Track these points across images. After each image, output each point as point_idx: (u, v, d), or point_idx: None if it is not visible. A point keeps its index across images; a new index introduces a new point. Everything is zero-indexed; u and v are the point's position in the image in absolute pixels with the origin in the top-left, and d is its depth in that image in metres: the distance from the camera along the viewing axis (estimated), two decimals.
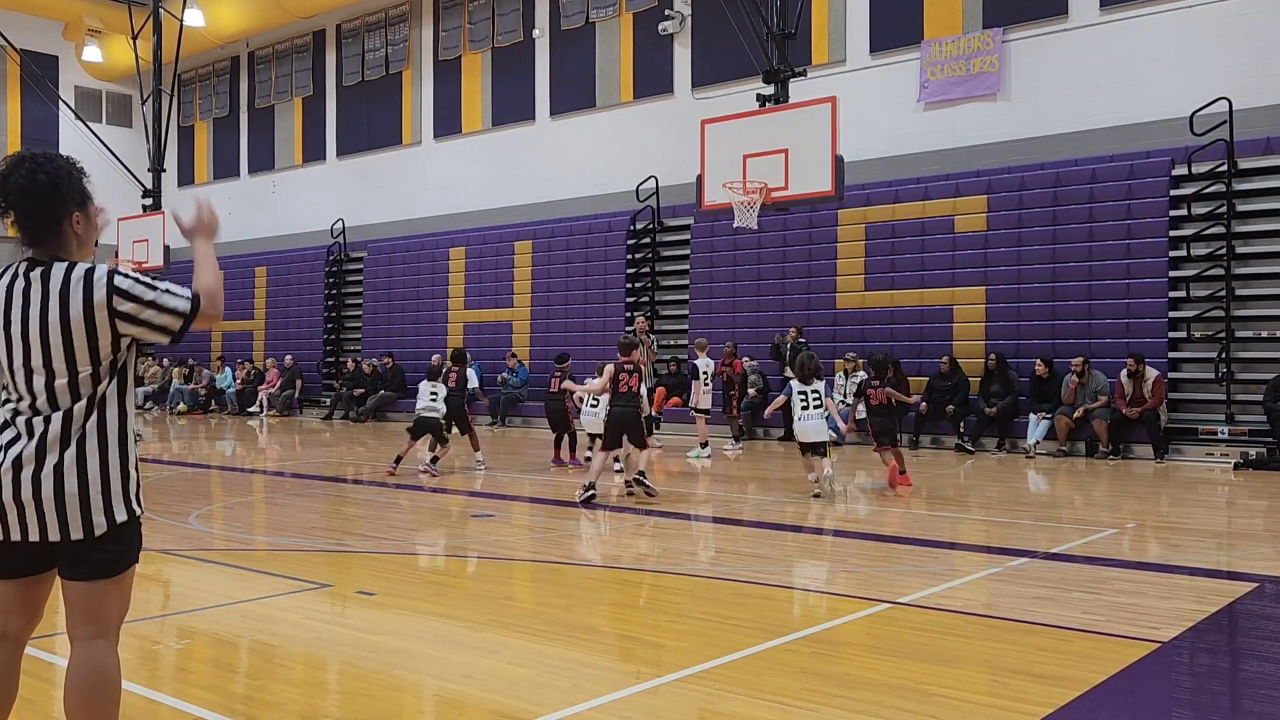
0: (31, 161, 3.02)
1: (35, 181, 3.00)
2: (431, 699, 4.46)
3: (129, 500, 3.07)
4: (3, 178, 3.02)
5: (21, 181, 3.00)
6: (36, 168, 3.01)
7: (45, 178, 3.01)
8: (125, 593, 3.15)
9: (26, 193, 3.00)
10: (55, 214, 3.05)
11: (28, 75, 27.02)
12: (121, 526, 3.05)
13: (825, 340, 17.21)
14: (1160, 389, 14.03)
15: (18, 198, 3.01)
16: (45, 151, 3.10)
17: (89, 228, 3.15)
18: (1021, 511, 9.64)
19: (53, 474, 2.95)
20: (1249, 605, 6.02)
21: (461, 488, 11.60)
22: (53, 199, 3.03)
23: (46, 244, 3.06)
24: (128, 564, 3.11)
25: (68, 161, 3.09)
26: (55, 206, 3.04)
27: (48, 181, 3.01)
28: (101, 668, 3.05)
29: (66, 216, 3.06)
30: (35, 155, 3.06)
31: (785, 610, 6.12)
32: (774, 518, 9.29)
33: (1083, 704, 4.21)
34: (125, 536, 3.08)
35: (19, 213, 3.03)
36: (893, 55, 17.66)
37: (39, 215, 3.03)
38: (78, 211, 3.09)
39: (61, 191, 3.04)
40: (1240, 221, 14.59)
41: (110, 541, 3.04)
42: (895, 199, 17.21)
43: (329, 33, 26.70)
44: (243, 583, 6.68)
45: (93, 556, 3.03)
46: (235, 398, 25.44)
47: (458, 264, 23.18)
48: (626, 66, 21.04)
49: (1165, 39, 15.28)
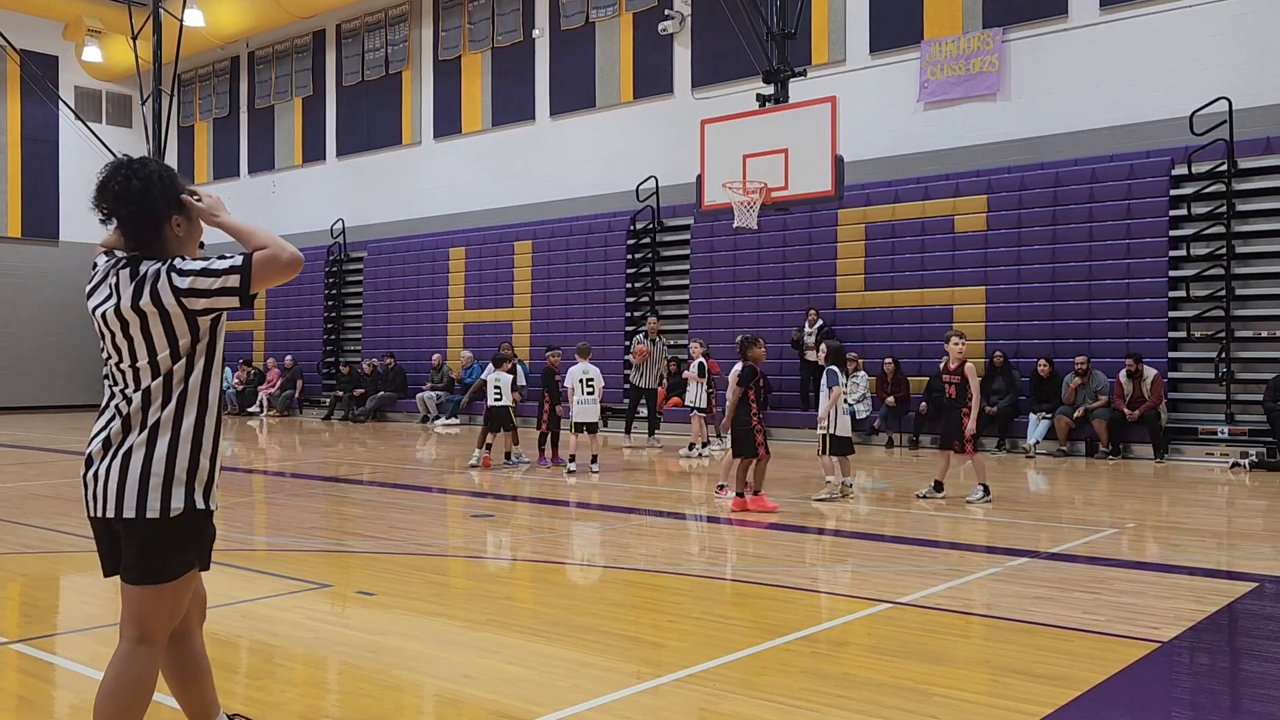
0: (126, 168, 3.14)
1: (129, 187, 3.11)
2: (431, 699, 4.46)
3: (191, 491, 3.11)
4: (101, 185, 3.15)
5: (117, 188, 3.12)
6: (131, 174, 3.12)
7: (138, 183, 3.11)
8: (178, 601, 3.19)
9: (121, 198, 3.12)
10: (152, 218, 3.15)
11: (28, 75, 27.00)
12: (176, 517, 3.08)
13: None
14: (1159, 389, 14.03)
15: (114, 204, 3.13)
16: (141, 158, 3.21)
17: (190, 228, 3.26)
18: (1021, 511, 9.64)
19: (126, 454, 3.07)
20: (1249, 605, 6.02)
21: (462, 488, 11.60)
22: (145, 203, 3.13)
23: (150, 247, 3.17)
24: (179, 570, 3.15)
25: (160, 166, 3.19)
26: (150, 210, 3.14)
27: (140, 187, 3.11)
28: (136, 674, 3.12)
29: (166, 220, 3.18)
30: (131, 161, 3.17)
31: (785, 610, 6.12)
32: (774, 518, 9.29)
33: (1083, 704, 4.21)
34: (180, 531, 3.11)
35: (118, 218, 3.16)
36: (892, 55, 17.66)
37: (136, 220, 3.15)
38: (176, 215, 3.20)
39: (153, 195, 3.13)
40: (1240, 221, 14.58)
41: (163, 537, 3.08)
42: (895, 199, 17.21)
43: (329, 33, 26.70)
44: (243, 583, 6.68)
45: (145, 558, 3.09)
46: (235, 398, 25.44)
47: (458, 264, 23.18)
48: (626, 66, 21.04)
49: (1165, 39, 15.28)
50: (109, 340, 3.15)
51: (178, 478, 3.09)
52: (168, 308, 3.05)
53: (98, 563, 3.29)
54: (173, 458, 3.08)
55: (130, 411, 3.11)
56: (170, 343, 3.08)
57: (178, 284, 3.05)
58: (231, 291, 3.05)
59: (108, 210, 3.16)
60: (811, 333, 16.92)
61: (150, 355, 3.09)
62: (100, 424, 3.18)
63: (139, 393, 3.11)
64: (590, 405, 12.80)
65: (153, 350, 3.09)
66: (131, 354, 3.11)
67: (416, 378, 23.08)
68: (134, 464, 3.06)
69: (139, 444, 3.08)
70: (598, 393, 12.88)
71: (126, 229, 3.17)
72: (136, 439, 3.09)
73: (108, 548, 3.20)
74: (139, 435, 3.09)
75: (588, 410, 12.78)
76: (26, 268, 28.98)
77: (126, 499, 3.05)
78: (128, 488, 3.05)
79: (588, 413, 12.78)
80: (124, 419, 3.11)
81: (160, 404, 3.10)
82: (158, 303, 3.05)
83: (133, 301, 3.07)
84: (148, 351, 3.09)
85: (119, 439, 3.11)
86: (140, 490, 3.05)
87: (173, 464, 3.08)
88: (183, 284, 3.05)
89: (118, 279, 3.13)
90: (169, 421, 3.10)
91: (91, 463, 3.13)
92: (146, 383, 3.10)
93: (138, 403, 3.10)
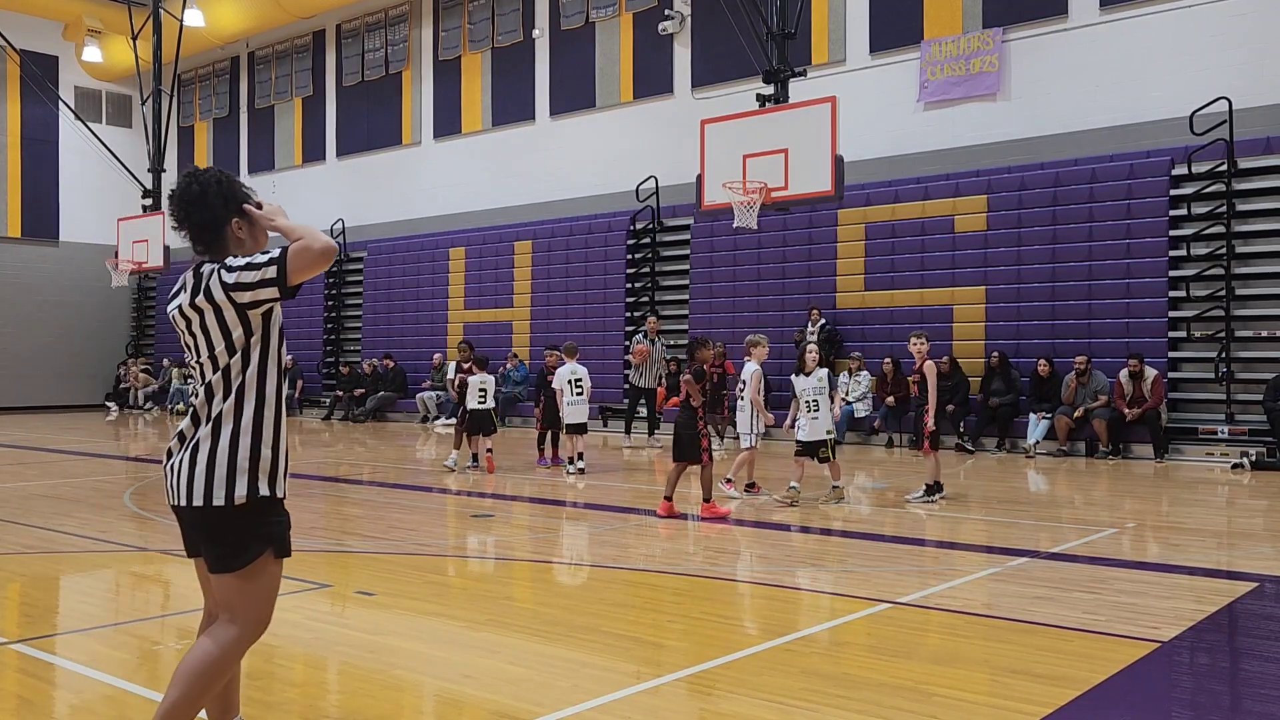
0: (189, 175, 3.37)
1: (189, 192, 3.33)
2: (431, 699, 4.46)
3: (254, 479, 3.24)
4: (170, 195, 3.39)
5: (179, 192, 3.35)
6: (191, 179, 3.35)
7: (197, 188, 3.33)
8: (259, 586, 3.29)
9: (182, 202, 3.34)
10: (211, 221, 3.34)
11: (28, 75, 27.02)
12: (242, 504, 3.21)
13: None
14: (1160, 389, 14.03)
15: (175, 206, 3.36)
16: (205, 167, 3.45)
17: (253, 231, 3.42)
18: (1021, 511, 9.64)
19: (195, 445, 3.25)
20: (1249, 605, 6.02)
21: (462, 488, 11.60)
22: (203, 206, 3.32)
23: (214, 249, 3.36)
24: (253, 555, 3.25)
25: (219, 173, 3.40)
26: (207, 213, 3.33)
27: (199, 191, 3.32)
28: (215, 651, 3.24)
29: (225, 223, 3.36)
30: (195, 170, 3.39)
31: (785, 610, 6.12)
32: (774, 518, 9.29)
33: (1083, 704, 4.21)
34: (247, 518, 3.23)
35: (184, 223, 3.36)
36: (892, 55, 17.66)
37: (196, 223, 3.34)
38: (236, 218, 3.37)
39: (209, 199, 3.33)
40: (1240, 221, 14.58)
41: (232, 525, 3.22)
42: (895, 199, 17.20)
43: (329, 33, 26.69)
44: None
45: (219, 546, 3.25)
46: None
47: (458, 264, 23.18)
48: (626, 66, 21.04)
49: (1165, 39, 15.28)
50: (181, 337, 3.37)
51: (240, 467, 3.22)
52: (219, 303, 3.22)
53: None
54: (235, 448, 3.23)
55: (198, 405, 3.31)
56: (225, 337, 3.25)
57: (225, 279, 3.21)
58: (271, 283, 3.17)
59: (176, 216, 3.37)
60: (814, 332, 16.94)
61: (209, 350, 3.27)
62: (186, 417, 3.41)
63: (204, 386, 3.30)
64: (580, 405, 12.82)
65: (211, 345, 3.26)
66: (196, 349, 3.31)
67: (416, 378, 23.08)
68: (201, 455, 3.23)
69: (205, 436, 3.25)
70: (586, 393, 12.90)
71: (190, 231, 3.36)
72: (203, 431, 3.26)
73: (188, 532, 3.40)
74: (205, 427, 3.26)
75: (577, 410, 12.82)
76: (26, 268, 28.98)
77: (196, 488, 3.22)
78: (196, 478, 3.22)
79: (577, 413, 12.82)
80: (193, 412, 3.32)
81: (221, 397, 3.27)
82: (210, 298, 3.22)
83: (191, 298, 3.26)
84: (207, 346, 3.27)
85: (191, 432, 3.30)
86: (207, 480, 3.21)
87: (235, 454, 3.22)
88: (229, 279, 3.20)
89: (185, 280, 3.35)
90: (230, 413, 3.25)
91: (171, 455, 3.33)
92: (209, 377, 3.28)
93: (203, 396, 3.30)
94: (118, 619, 5.85)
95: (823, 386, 9.94)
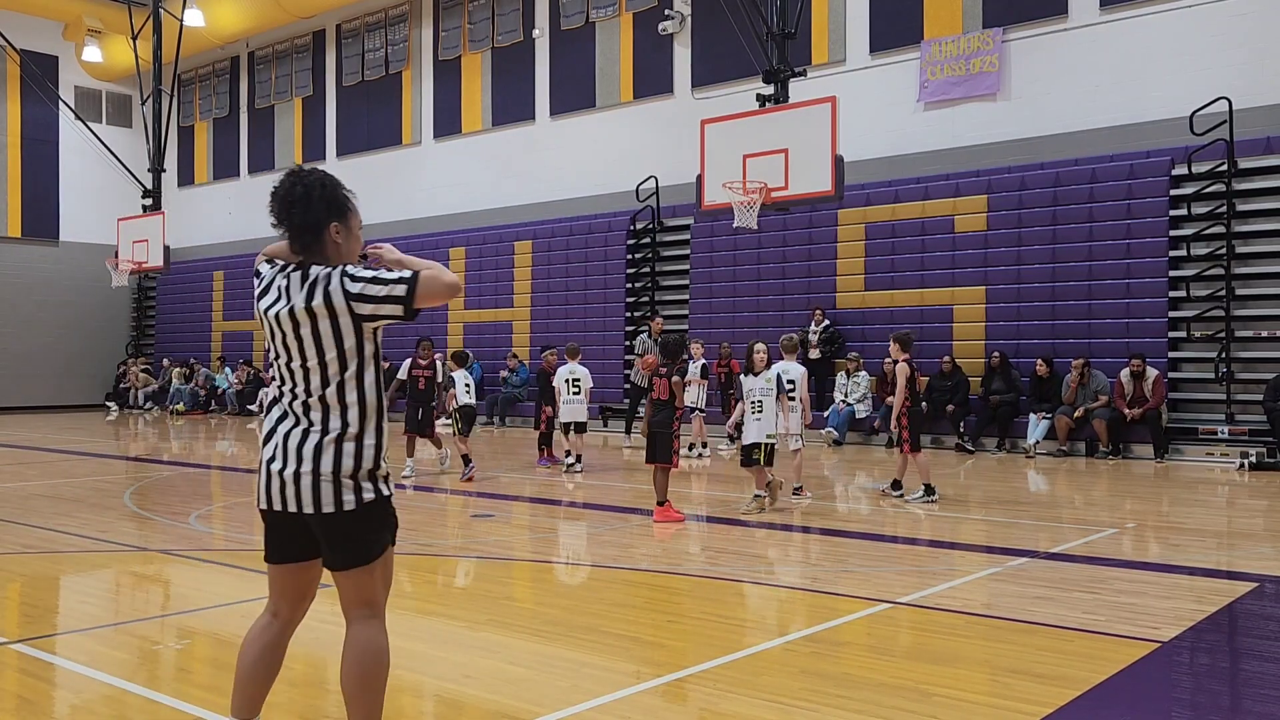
0: (294, 175, 3.38)
1: (292, 192, 3.33)
2: (431, 699, 4.46)
3: (376, 481, 3.31)
4: (273, 192, 3.38)
5: (282, 192, 3.35)
6: (296, 180, 3.36)
7: (301, 189, 3.33)
8: (386, 571, 3.44)
9: (285, 201, 3.34)
10: (312, 222, 3.34)
11: (28, 75, 27.01)
12: (369, 505, 3.30)
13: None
14: (1160, 389, 14.03)
15: (279, 206, 3.35)
16: (311, 168, 3.43)
17: (349, 238, 3.44)
18: (1021, 511, 9.64)
19: (315, 454, 3.25)
20: (1249, 605, 6.02)
21: (462, 488, 11.60)
22: (306, 207, 3.32)
23: (311, 251, 3.36)
24: (383, 547, 3.37)
25: (325, 175, 3.40)
26: (310, 214, 3.33)
27: (303, 192, 3.33)
28: (377, 645, 3.36)
29: (325, 226, 3.35)
30: (300, 170, 3.40)
31: (785, 610, 6.12)
32: (774, 518, 9.28)
33: (1083, 704, 4.21)
34: (374, 517, 3.32)
35: (285, 222, 3.36)
36: (892, 55, 17.65)
37: (297, 223, 3.34)
38: (336, 222, 3.37)
39: (313, 200, 3.33)
40: (1240, 221, 14.58)
41: (361, 525, 3.30)
42: (895, 199, 17.20)
43: (329, 33, 26.69)
44: (243, 583, 6.68)
45: (348, 547, 3.30)
46: (235, 398, 25.44)
47: (458, 264, 23.16)
48: (626, 66, 21.04)
49: (1165, 39, 15.27)
50: (278, 340, 3.32)
51: (365, 471, 3.28)
52: (338, 310, 3.23)
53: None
54: (360, 455, 3.27)
55: (309, 413, 3.29)
56: (337, 345, 3.25)
57: (349, 288, 3.23)
58: (397, 300, 3.22)
59: (276, 214, 3.36)
60: (816, 332, 16.93)
61: (319, 356, 3.26)
62: (278, 423, 3.34)
63: (317, 396, 3.28)
64: (577, 405, 12.88)
65: (321, 351, 3.26)
66: (301, 354, 3.28)
67: None
68: (325, 463, 3.24)
69: (327, 444, 3.25)
70: (584, 393, 12.95)
71: (290, 232, 3.36)
72: (323, 439, 3.26)
73: (284, 538, 3.39)
74: (319, 435, 3.26)
75: (574, 410, 12.88)
76: (26, 268, 28.98)
77: (324, 497, 3.24)
78: (323, 486, 3.24)
79: (574, 412, 12.91)
80: (304, 420, 3.29)
81: (340, 406, 3.28)
82: (329, 304, 3.23)
83: (306, 302, 3.25)
84: (317, 353, 3.26)
85: (300, 439, 3.27)
86: (335, 487, 3.24)
87: (360, 461, 3.27)
88: (354, 289, 3.23)
89: (288, 282, 3.32)
90: (354, 421, 3.29)
91: (275, 461, 3.28)
92: (320, 384, 3.28)
93: (317, 404, 3.28)
94: (118, 619, 5.85)
95: (770, 388, 9.50)
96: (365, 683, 3.33)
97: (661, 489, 9.11)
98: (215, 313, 28.68)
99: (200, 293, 29.06)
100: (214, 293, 28.62)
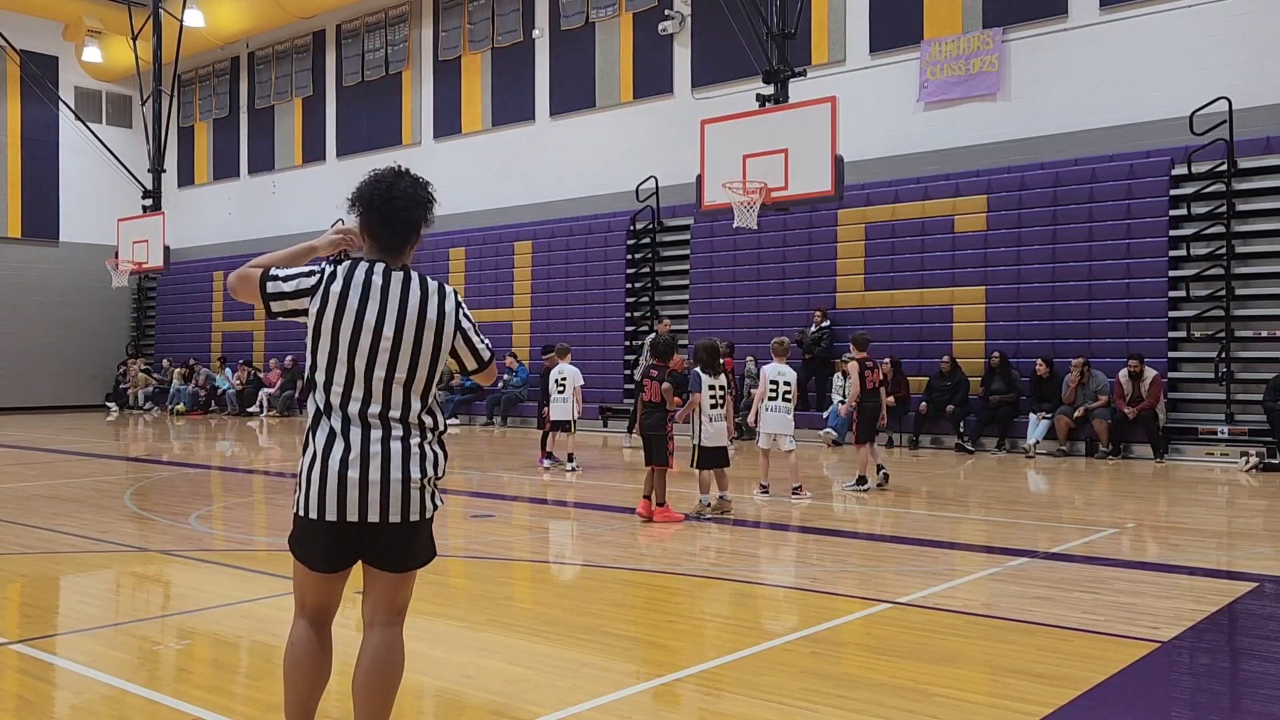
0: (410, 177, 3.32)
1: (419, 196, 3.30)
2: (431, 699, 4.45)
3: (436, 494, 3.37)
4: (389, 185, 3.26)
5: (409, 189, 3.27)
6: (417, 184, 3.31)
7: (425, 194, 3.32)
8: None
9: (416, 201, 3.29)
10: (418, 227, 3.34)
11: (28, 75, 27.02)
12: (431, 518, 3.37)
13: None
14: (1157, 389, 14.02)
15: (405, 203, 3.27)
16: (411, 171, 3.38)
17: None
18: (1021, 511, 9.64)
19: (405, 461, 3.22)
20: (1249, 605, 6.02)
21: (461, 488, 11.59)
22: (427, 211, 3.33)
23: (401, 254, 3.32)
24: (433, 552, 3.44)
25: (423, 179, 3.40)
26: (415, 214, 3.31)
27: (428, 198, 3.33)
28: (401, 650, 3.37)
29: (420, 229, 3.37)
30: (410, 172, 3.34)
31: (785, 610, 6.12)
32: (774, 517, 9.28)
33: (1083, 704, 4.21)
34: (430, 527, 3.41)
35: (395, 220, 3.26)
36: (892, 55, 17.66)
37: (415, 224, 3.32)
38: (424, 227, 3.41)
39: (419, 201, 3.31)
40: (1240, 221, 14.58)
41: (429, 529, 3.38)
42: (895, 199, 17.21)
43: (329, 33, 26.69)
44: (243, 583, 6.68)
45: (412, 549, 3.34)
46: (235, 398, 25.44)
47: (458, 264, 23.18)
48: (626, 66, 21.04)
49: (1165, 39, 15.27)
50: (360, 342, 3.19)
51: (436, 484, 3.35)
52: (446, 333, 3.27)
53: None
54: (438, 463, 3.33)
55: (391, 422, 3.22)
56: (432, 360, 3.27)
57: (463, 324, 3.32)
58: (476, 356, 3.37)
59: (389, 210, 3.24)
60: (817, 332, 16.92)
61: (411, 365, 3.23)
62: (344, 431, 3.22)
63: (399, 405, 3.23)
64: (561, 404, 12.93)
65: (415, 361, 3.23)
66: (391, 364, 3.20)
67: None
68: (413, 472, 3.23)
69: (413, 453, 3.25)
70: (568, 392, 12.99)
71: (401, 231, 3.28)
72: (406, 447, 3.23)
73: (341, 547, 3.30)
74: (400, 444, 3.23)
75: (560, 409, 12.98)
76: (26, 268, 28.98)
77: (412, 503, 3.25)
78: (411, 496, 3.24)
79: (560, 411, 12.99)
80: (381, 428, 3.21)
81: (423, 416, 3.28)
82: (440, 324, 3.26)
83: (420, 314, 3.23)
84: (410, 363, 3.23)
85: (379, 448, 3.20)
86: (422, 494, 3.27)
87: (439, 468, 3.33)
88: (466, 326, 3.33)
89: (385, 282, 3.23)
90: (431, 430, 3.32)
91: (352, 469, 3.18)
92: (403, 394, 3.24)
93: (399, 413, 3.23)
94: (118, 619, 5.85)
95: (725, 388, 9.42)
96: (385, 686, 3.32)
97: (660, 490, 9.10)
98: (215, 313, 28.67)
99: (200, 293, 29.06)
100: (214, 293, 28.61)
